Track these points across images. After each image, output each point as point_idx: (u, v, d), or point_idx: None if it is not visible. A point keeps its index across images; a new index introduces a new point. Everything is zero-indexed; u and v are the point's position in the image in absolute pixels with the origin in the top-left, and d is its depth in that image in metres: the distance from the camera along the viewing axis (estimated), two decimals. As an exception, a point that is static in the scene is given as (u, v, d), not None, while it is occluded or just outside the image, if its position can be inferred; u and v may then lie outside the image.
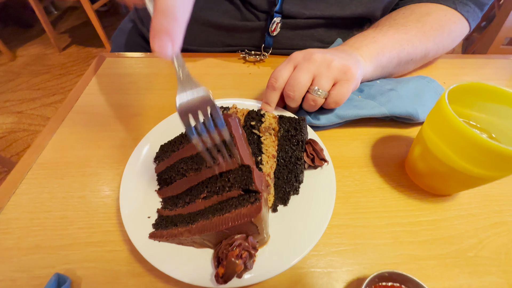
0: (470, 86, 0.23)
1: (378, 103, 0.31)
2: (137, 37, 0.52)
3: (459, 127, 0.19)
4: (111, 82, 0.37)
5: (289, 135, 0.25)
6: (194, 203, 0.22)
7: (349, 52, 0.31)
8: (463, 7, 0.36)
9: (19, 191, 0.25)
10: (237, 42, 0.42)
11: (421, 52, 0.36)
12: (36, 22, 2.04)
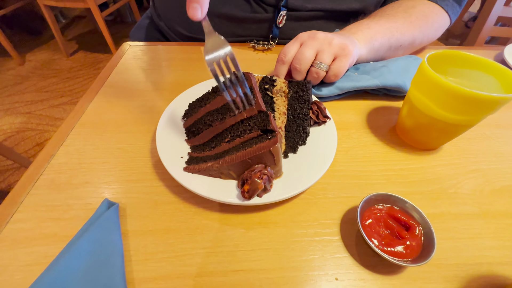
0: (446, 54, 0.28)
1: (372, 77, 0.36)
2: (154, 31, 0.58)
3: (437, 80, 0.24)
4: (136, 65, 0.42)
5: (297, 95, 0.30)
6: (219, 146, 0.26)
7: (346, 35, 0.36)
8: (443, 1, 0.42)
9: (66, 143, 0.29)
10: (247, 33, 0.48)
11: (408, 39, 0.41)
12: (45, 30, 2.12)
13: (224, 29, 0.48)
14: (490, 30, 0.68)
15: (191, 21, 0.48)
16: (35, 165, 0.27)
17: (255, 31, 0.47)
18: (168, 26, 0.53)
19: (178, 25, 0.51)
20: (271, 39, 0.48)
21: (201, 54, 0.45)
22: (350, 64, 0.34)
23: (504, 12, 0.65)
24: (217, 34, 0.23)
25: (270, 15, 0.46)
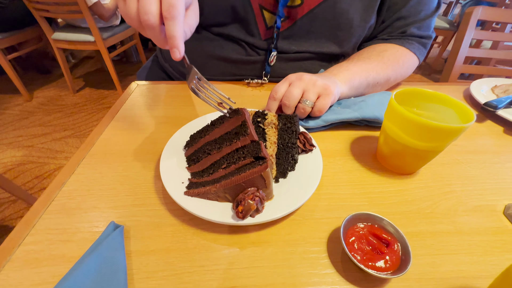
0: (410, 90, 0.33)
1: (353, 110, 0.40)
2: (159, 72, 0.64)
3: (402, 113, 0.28)
4: (142, 101, 0.46)
5: (285, 127, 0.34)
6: (217, 172, 0.29)
7: (329, 76, 0.42)
8: (410, 45, 0.49)
9: (77, 171, 0.32)
10: (242, 73, 0.54)
11: (384, 77, 0.47)
12: (54, 69, 2.26)
13: (223, 70, 0.54)
14: (460, 68, 0.76)
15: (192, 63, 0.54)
16: (47, 192, 0.29)
17: (249, 71, 0.54)
18: (172, 67, 0.60)
19: (181, 65, 0.58)
20: (264, 75, 0.54)
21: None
22: (332, 101, 0.39)
23: (470, 53, 0.74)
24: (192, 66, 0.31)
25: (263, 57, 0.52)
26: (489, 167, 0.36)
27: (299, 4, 0.47)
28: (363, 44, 0.54)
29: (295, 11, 0.48)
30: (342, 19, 0.47)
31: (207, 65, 0.54)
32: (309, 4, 0.47)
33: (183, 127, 0.37)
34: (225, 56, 0.53)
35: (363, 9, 0.47)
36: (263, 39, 0.51)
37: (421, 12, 0.49)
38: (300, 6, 0.47)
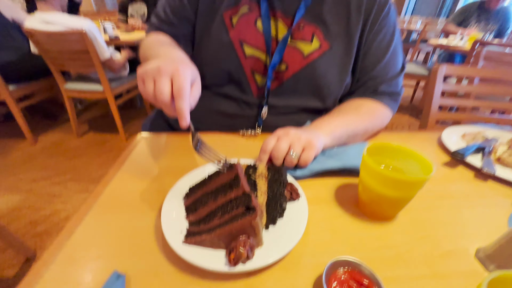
0: (380, 144, 0.38)
1: (335, 160, 0.45)
2: (163, 123, 0.71)
3: (373, 167, 0.33)
4: (146, 153, 0.51)
5: (274, 178, 0.38)
6: (212, 221, 0.32)
7: (313, 130, 0.48)
8: (382, 99, 0.57)
9: (84, 221, 0.35)
10: (237, 125, 0.60)
11: (362, 129, 0.54)
12: (61, 114, 2.38)
13: (221, 123, 0.60)
14: (436, 114, 0.84)
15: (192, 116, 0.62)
16: (57, 242, 0.32)
17: (244, 124, 0.60)
18: (174, 119, 0.67)
19: None
20: (257, 127, 0.60)
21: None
22: (315, 153, 0.44)
23: (442, 102, 0.83)
24: (197, 133, 0.38)
25: (255, 112, 0.59)
26: (461, 212, 0.39)
27: (285, 69, 0.56)
28: (343, 99, 0.61)
29: (282, 74, 0.57)
30: (321, 81, 0.56)
31: (207, 118, 0.61)
32: (293, 69, 0.56)
33: (184, 177, 0.41)
34: (222, 111, 0.60)
35: (338, 73, 0.56)
36: (255, 97, 0.59)
37: (388, 73, 0.58)
38: (286, 70, 0.56)
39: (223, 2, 0.55)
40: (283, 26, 0.55)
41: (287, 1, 0.54)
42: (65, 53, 1.59)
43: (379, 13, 0.54)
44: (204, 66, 0.57)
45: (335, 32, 0.54)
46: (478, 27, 2.56)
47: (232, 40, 0.55)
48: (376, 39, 0.55)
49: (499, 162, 0.50)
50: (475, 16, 2.57)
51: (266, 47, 0.55)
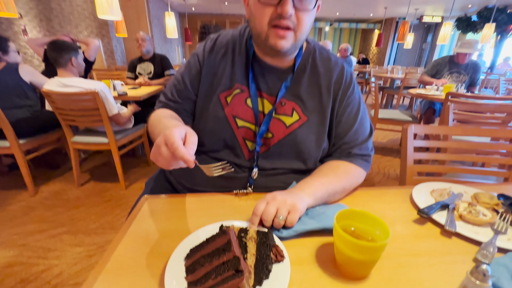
0: (348, 210, 0.45)
1: (316, 221, 0.52)
2: (165, 183, 0.79)
3: (340, 232, 0.40)
4: (151, 215, 0.58)
5: (262, 241, 0.44)
6: (207, 282, 0.37)
7: (297, 193, 0.56)
8: (356, 161, 0.67)
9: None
10: (231, 185, 0.67)
11: (340, 188, 0.62)
12: (63, 163, 2.46)
13: (217, 184, 0.68)
14: (412, 168, 0.93)
15: (192, 177, 0.70)
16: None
17: (237, 184, 0.68)
18: (176, 179, 0.74)
19: (183, 179, 0.72)
20: (248, 186, 0.67)
21: (201, 204, 0.62)
22: (299, 215, 0.51)
23: (416, 156, 0.92)
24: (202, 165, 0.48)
25: (247, 174, 0.68)
26: (428, 269, 0.44)
27: (271, 137, 0.67)
28: (323, 160, 0.71)
29: (269, 140, 0.67)
30: (301, 146, 0.66)
31: (205, 181, 0.68)
32: (277, 137, 0.67)
33: (186, 238, 0.47)
34: None
35: (315, 140, 0.67)
36: (247, 159, 0.68)
37: (358, 138, 0.68)
38: (272, 138, 0.67)
39: (219, 86, 0.67)
40: (268, 103, 0.67)
41: (271, 85, 0.67)
42: (77, 110, 1.75)
43: (345, 92, 0.67)
44: (203, 135, 0.68)
45: (310, 107, 0.66)
46: (451, 78, 2.86)
47: (226, 115, 0.66)
48: (345, 112, 0.68)
49: (461, 219, 0.56)
50: (447, 69, 2.88)
51: (255, 120, 0.66)
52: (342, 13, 9.41)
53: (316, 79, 0.66)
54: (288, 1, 0.52)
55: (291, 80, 0.66)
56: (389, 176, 2.35)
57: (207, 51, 0.69)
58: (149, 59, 2.88)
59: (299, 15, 0.55)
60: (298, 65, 0.66)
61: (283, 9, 0.52)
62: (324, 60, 0.68)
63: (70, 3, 5.58)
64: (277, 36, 0.55)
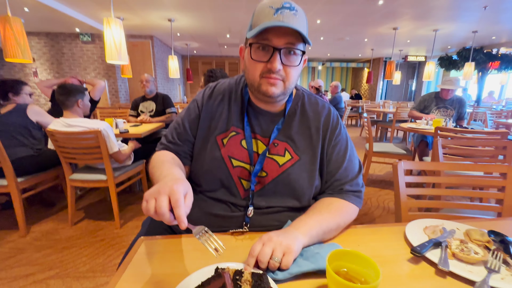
0: (340, 251, 0.46)
1: (310, 262, 0.52)
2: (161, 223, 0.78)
3: (331, 273, 0.41)
4: (147, 258, 0.58)
5: (257, 284, 0.45)
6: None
7: (292, 233, 0.57)
8: (348, 198, 0.69)
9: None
10: (227, 225, 0.68)
11: (335, 225, 0.63)
12: (59, 201, 2.42)
13: (213, 223, 0.69)
14: (406, 203, 0.94)
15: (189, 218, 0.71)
16: None
17: (233, 223, 0.69)
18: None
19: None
20: (244, 225, 0.68)
21: (198, 245, 0.63)
22: (294, 257, 0.52)
23: (408, 191, 0.95)
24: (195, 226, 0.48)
25: (243, 213, 0.69)
26: (423, 312, 0.44)
27: (265, 175, 0.70)
28: (316, 197, 0.73)
29: (263, 179, 0.70)
30: (295, 184, 0.69)
31: (202, 220, 0.69)
32: (271, 175, 0.70)
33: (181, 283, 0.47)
34: (215, 213, 0.70)
35: (307, 178, 0.70)
36: (242, 198, 0.70)
37: (348, 175, 0.72)
38: (266, 176, 0.70)
39: (216, 129, 0.72)
40: (262, 144, 0.71)
41: (264, 127, 0.72)
42: (79, 148, 1.79)
43: (333, 132, 0.72)
44: (200, 175, 0.71)
45: (302, 147, 0.70)
46: (439, 113, 3.00)
47: (223, 155, 0.70)
48: (334, 151, 0.71)
49: (454, 257, 0.57)
50: (434, 104, 3.04)
51: (250, 160, 0.70)
52: (333, 54, 10.17)
53: (306, 122, 0.72)
54: (276, 59, 0.59)
55: (282, 123, 0.71)
56: (389, 210, 2.32)
57: (206, 97, 0.75)
58: (151, 98, 3.04)
59: (287, 69, 0.62)
60: (288, 110, 0.72)
61: (272, 66, 0.60)
62: (312, 104, 0.74)
63: (81, 49, 6.04)
64: (268, 83, 0.62)
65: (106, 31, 2.45)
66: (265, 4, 0.60)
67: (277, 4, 0.59)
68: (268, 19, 0.58)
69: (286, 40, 0.59)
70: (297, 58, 0.62)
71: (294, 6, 0.60)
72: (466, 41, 6.94)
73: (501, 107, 6.56)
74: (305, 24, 0.62)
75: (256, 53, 0.62)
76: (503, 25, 5.39)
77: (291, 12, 0.58)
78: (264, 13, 0.59)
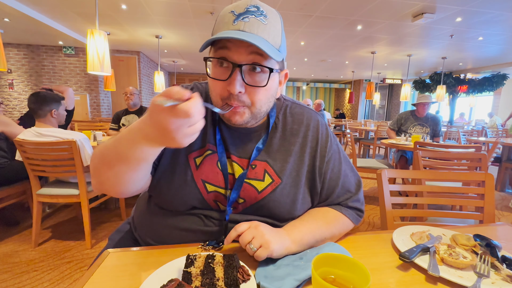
0: (326, 255, 0.43)
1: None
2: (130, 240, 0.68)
3: (316, 277, 0.37)
4: (111, 270, 0.51)
5: (229, 263, 0.45)
6: None
7: (281, 234, 0.53)
8: (345, 211, 0.64)
9: None
10: (202, 238, 0.59)
11: (329, 234, 0.59)
12: (23, 219, 2.20)
13: (184, 239, 0.59)
14: (391, 212, 0.93)
15: (158, 234, 0.61)
16: None
17: (209, 238, 0.59)
18: (140, 236, 0.66)
19: (148, 237, 0.63)
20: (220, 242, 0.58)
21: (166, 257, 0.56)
22: (268, 255, 0.49)
23: (392, 200, 0.94)
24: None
25: (218, 228, 0.59)
26: (416, 322, 0.40)
27: (243, 202, 0.60)
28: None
29: (241, 205, 0.60)
30: (275, 210, 0.60)
31: (171, 235, 0.60)
32: (249, 202, 0.60)
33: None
34: (186, 227, 0.60)
35: (290, 203, 0.60)
36: (219, 217, 0.60)
37: (346, 193, 0.65)
38: (244, 203, 0.60)
39: (190, 146, 0.53)
40: (238, 166, 0.60)
41: (240, 146, 0.60)
42: (50, 160, 1.66)
43: (324, 146, 0.63)
44: (168, 197, 0.60)
45: (284, 169, 0.60)
46: (416, 129, 3.14)
47: (195, 179, 0.58)
48: (329, 168, 0.63)
49: (443, 262, 0.54)
50: (411, 121, 3.18)
51: (225, 184, 0.59)
52: (316, 75, 10.63)
53: (289, 137, 0.62)
54: (236, 79, 0.48)
55: (264, 141, 0.61)
56: (374, 225, 2.31)
57: None
58: (135, 111, 2.96)
59: (251, 92, 0.51)
60: (272, 124, 0.62)
61: (231, 88, 0.48)
62: (296, 115, 0.64)
63: (63, 61, 5.90)
64: (231, 111, 0.51)
65: (90, 41, 2.41)
66: (228, 9, 0.50)
67: (240, 9, 0.48)
68: (226, 27, 0.48)
69: (249, 54, 0.48)
70: (264, 76, 0.50)
71: (263, 10, 0.49)
72: (437, 66, 7.53)
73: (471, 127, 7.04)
74: (277, 32, 0.50)
75: (215, 70, 0.51)
76: (468, 53, 5.93)
77: (257, 19, 0.48)
78: (224, 20, 0.49)
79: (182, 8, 3.72)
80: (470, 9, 3.52)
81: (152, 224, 0.63)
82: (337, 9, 3.68)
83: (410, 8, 3.56)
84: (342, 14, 3.84)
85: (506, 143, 3.19)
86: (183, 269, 0.45)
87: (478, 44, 5.19)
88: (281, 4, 3.53)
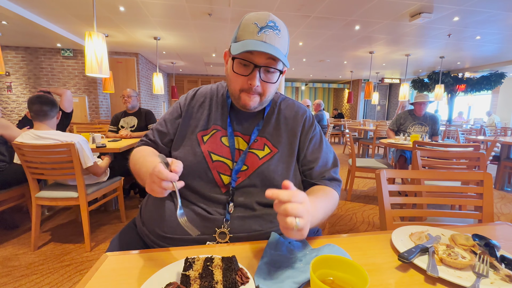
0: (324, 257, 0.43)
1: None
2: (135, 237, 0.72)
3: (314, 279, 0.37)
4: (110, 274, 0.51)
5: (227, 266, 0.45)
6: None
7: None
8: (331, 185, 0.73)
9: None
10: (206, 225, 0.65)
11: (330, 211, 0.66)
12: (23, 222, 2.19)
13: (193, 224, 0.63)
14: (391, 212, 0.93)
15: (166, 224, 0.66)
16: None
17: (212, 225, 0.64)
18: (149, 229, 0.69)
19: (157, 227, 0.67)
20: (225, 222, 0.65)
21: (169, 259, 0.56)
22: (300, 237, 0.45)
23: (391, 200, 0.94)
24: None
25: (222, 217, 0.66)
26: (415, 323, 0.40)
27: (246, 169, 0.71)
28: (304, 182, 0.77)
29: (244, 173, 0.71)
30: (273, 175, 0.70)
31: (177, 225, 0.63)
32: (252, 168, 0.71)
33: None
34: (196, 211, 0.67)
35: (285, 169, 0.72)
36: (223, 193, 0.69)
37: (326, 165, 0.77)
38: (247, 170, 0.71)
39: (197, 127, 0.75)
40: (243, 141, 0.74)
41: (245, 126, 0.76)
42: (49, 163, 1.66)
43: (309, 128, 0.78)
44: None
45: (279, 141, 0.74)
46: (415, 129, 3.15)
47: (203, 151, 0.71)
48: (311, 143, 0.77)
49: (442, 263, 0.54)
50: (410, 121, 3.19)
51: (231, 156, 0.71)
52: (315, 75, 10.64)
53: (283, 120, 0.77)
54: (256, 77, 0.64)
55: (262, 123, 0.76)
56: (374, 224, 2.31)
57: (189, 99, 0.79)
58: (133, 113, 2.95)
59: (264, 85, 0.67)
60: (267, 112, 0.77)
61: (251, 82, 0.64)
62: (289, 105, 0.81)
63: (61, 64, 5.90)
64: (247, 98, 0.67)
65: (88, 44, 2.41)
66: (251, 19, 0.63)
67: (262, 22, 0.62)
68: (252, 37, 0.62)
69: (266, 59, 0.63)
70: (275, 75, 0.67)
71: (278, 25, 0.64)
72: (435, 65, 7.55)
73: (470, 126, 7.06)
74: (286, 42, 0.67)
75: (238, 67, 0.66)
76: (466, 52, 5.95)
77: (274, 32, 0.62)
78: (249, 29, 0.63)
79: (180, 10, 3.72)
80: (467, 8, 3.54)
81: (160, 214, 0.69)
82: (335, 10, 3.68)
83: (407, 8, 3.57)
84: (339, 14, 3.85)
85: (504, 142, 3.20)
86: (182, 272, 0.45)
87: (475, 43, 5.21)
88: (279, 5, 3.53)
